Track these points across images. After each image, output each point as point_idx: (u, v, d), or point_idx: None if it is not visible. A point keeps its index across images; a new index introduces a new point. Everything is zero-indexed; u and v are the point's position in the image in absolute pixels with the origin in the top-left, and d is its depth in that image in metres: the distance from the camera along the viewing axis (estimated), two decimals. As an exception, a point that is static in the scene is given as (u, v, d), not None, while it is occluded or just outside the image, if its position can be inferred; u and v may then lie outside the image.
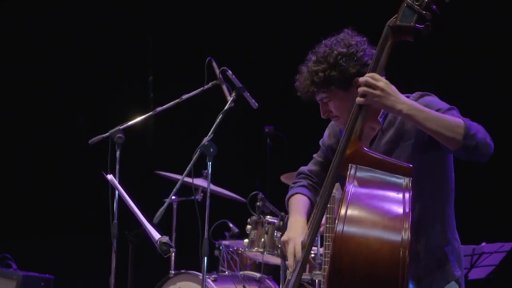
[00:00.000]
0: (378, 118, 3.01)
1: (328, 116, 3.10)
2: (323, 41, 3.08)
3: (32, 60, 7.84)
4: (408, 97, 2.99)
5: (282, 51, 7.18)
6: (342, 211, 2.63)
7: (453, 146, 2.78)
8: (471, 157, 2.82)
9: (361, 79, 2.81)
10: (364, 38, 3.07)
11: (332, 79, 2.98)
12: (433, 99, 2.99)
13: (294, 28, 7.34)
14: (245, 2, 7.60)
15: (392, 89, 2.80)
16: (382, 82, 2.79)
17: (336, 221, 2.61)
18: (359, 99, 2.82)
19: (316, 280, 5.11)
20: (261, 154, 6.53)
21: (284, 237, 3.09)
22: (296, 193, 3.29)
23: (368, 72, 2.84)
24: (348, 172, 2.76)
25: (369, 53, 3.00)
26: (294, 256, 3.01)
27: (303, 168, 3.40)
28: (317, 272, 5.05)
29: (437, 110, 2.87)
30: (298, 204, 3.24)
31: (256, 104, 4.17)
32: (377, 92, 2.78)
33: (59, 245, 7.63)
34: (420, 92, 3.02)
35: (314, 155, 3.38)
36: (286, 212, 5.00)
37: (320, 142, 3.36)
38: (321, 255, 5.01)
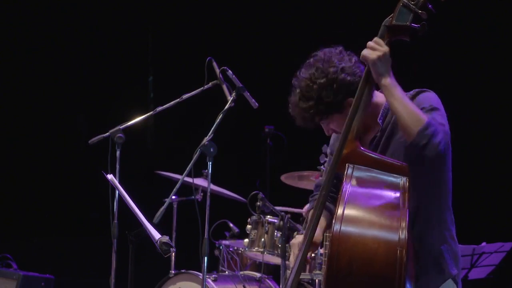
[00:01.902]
0: (378, 120, 3.02)
1: (333, 132, 3.16)
2: (303, 69, 3.08)
3: (32, 60, 7.84)
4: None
5: (282, 51, 7.18)
6: (339, 211, 2.64)
7: (408, 136, 2.80)
8: (418, 153, 2.80)
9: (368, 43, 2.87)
10: (340, 49, 3.08)
11: (322, 112, 3.02)
12: (426, 96, 2.99)
13: (294, 28, 7.34)
14: (245, 2, 7.60)
15: (388, 59, 2.84)
16: (384, 47, 2.84)
17: (333, 221, 2.62)
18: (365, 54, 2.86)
19: (316, 280, 5.11)
20: (261, 154, 6.53)
21: (292, 241, 3.22)
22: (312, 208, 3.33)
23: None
24: (345, 172, 2.77)
25: (349, 69, 3.01)
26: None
27: (318, 181, 3.45)
28: (317, 272, 5.05)
29: (422, 108, 2.90)
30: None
31: (256, 104, 4.17)
32: (378, 53, 2.82)
33: (59, 245, 7.63)
34: (417, 90, 3.03)
35: (325, 165, 3.43)
36: (286, 212, 5.04)
37: (328, 151, 3.40)
38: (321, 255, 5.02)
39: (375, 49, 2.84)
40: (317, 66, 3.03)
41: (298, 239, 3.22)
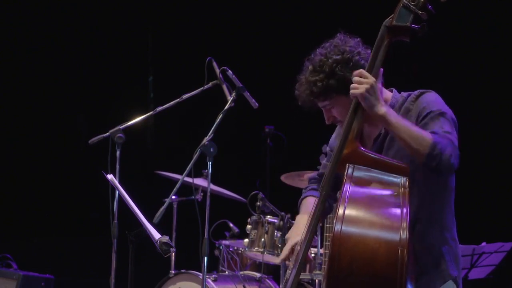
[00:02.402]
0: None
1: (333, 121, 3.13)
2: (318, 49, 3.09)
3: (32, 60, 7.84)
4: (409, 95, 3.01)
5: (282, 51, 7.18)
6: (340, 211, 2.64)
7: (418, 159, 2.82)
8: (434, 171, 2.83)
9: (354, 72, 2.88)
10: (358, 39, 3.09)
11: (331, 87, 3.01)
12: (431, 97, 2.99)
13: (294, 28, 7.34)
14: (245, 2, 7.60)
15: (376, 89, 2.85)
16: (369, 79, 2.84)
17: (334, 221, 2.63)
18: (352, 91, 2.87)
19: (316, 280, 5.11)
20: (261, 154, 6.53)
21: (287, 235, 3.22)
22: (306, 196, 3.35)
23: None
24: (346, 172, 2.77)
25: (364, 55, 3.02)
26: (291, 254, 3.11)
27: (313, 174, 3.44)
28: (317, 272, 5.05)
29: (429, 113, 2.91)
30: (306, 205, 3.29)
31: (256, 104, 4.17)
32: (363, 86, 2.83)
33: (59, 245, 7.63)
34: (421, 90, 3.03)
35: (323, 160, 3.42)
36: (286, 212, 5.04)
37: (328, 147, 3.40)
38: (321, 255, 5.02)
39: (361, 82, 2.85)
40: (335, 44, 3.05)
41: (290, 233, 3.22)
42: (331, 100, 3.04)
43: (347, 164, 2.80)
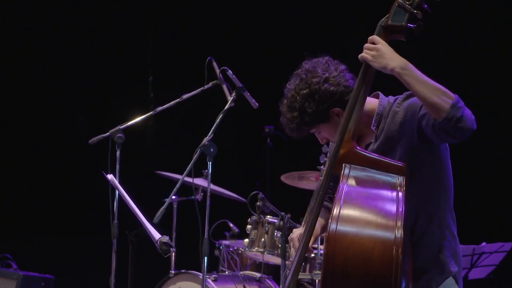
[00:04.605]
0: (371, 127, 3.02)
1: (327, 142, 3.18)
2: (288, 82, 3.11)
3: (32, 60, 7.84)
4: (397, 98, 3.01)
5: (282, 51, 7.18)
6: (336, 211, 2.65)
7: (438, 113, 2.73)
8: (451, 131, 2.73)
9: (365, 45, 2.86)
10: (325, 59, 3.09)
11: (306, 121, 3.05)
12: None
13: (294, 28, 7.34)
14: (245, 2, 7.60)
15: (387, 49, 2.82)
16: (379, 44, 2.83)
17: (330, 221, 2.63)
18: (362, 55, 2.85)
19: (316, 280, 5.12)
20: (261, 154, 6.53)
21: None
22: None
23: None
24: (342, 172, 2.77)
25: (333, 79, 3.01)
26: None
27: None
28: (317, 272, 5.06)
29: (420, 108, 2.88)
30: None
31: (256, 104, 4.18)
32: (373, 52, 2.82)
33: (59, 245, 7.63)
34: (408, 92, 3.00)
35: (323, 160, 3.43)
36: (286, 212, 5.04)
37: (328, 149, 3.41)
38: (321, 255, 5.02)
39: (370, 49, 2.83)
40: (302, 77, 3.07)
41: (296, 232, 3.24)
42: (314, 129, 3.10)
43: (343, 164, 2.81)
